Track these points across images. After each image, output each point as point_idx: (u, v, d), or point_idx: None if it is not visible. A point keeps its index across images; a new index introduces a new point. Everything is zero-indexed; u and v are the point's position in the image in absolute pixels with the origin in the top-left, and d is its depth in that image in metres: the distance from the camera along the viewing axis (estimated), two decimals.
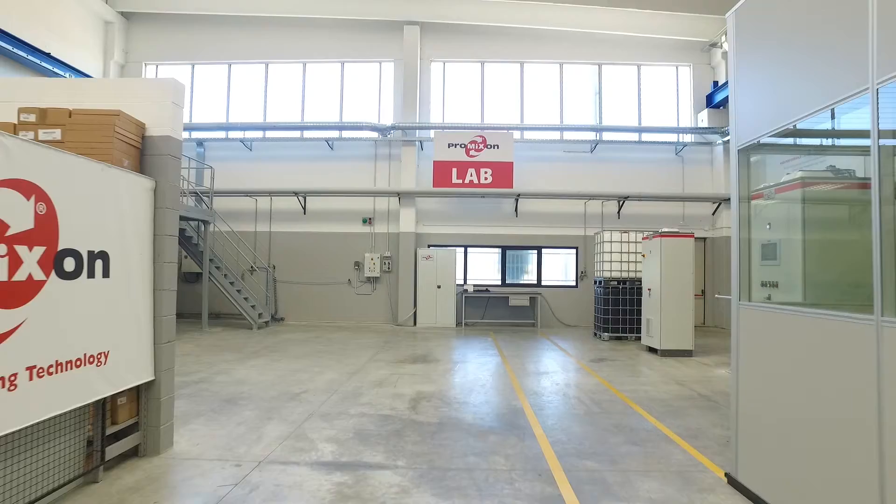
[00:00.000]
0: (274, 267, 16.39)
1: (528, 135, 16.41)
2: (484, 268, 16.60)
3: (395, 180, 16.32)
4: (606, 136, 16.32)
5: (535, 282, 16.43)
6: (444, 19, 16.14)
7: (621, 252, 12.90)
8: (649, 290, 10.86)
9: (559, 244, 16.32)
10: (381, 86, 16.80)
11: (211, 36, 16.81)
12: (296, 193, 16.01)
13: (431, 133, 16.07)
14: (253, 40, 16.75)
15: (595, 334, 13.42)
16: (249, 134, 16.44)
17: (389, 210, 16.40)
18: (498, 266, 16.56)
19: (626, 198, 15.82)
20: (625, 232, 13.07)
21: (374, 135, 16.14)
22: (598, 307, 13.15)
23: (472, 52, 16.64)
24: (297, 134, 16.48)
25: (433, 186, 15.73)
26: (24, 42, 12.94)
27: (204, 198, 14.61)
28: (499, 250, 16.52)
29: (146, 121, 4.69)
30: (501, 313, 16.05)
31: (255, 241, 16.45)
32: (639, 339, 12.39)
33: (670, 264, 10.35)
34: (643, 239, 11.35)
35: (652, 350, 10.84)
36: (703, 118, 15.97)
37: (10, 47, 12.57)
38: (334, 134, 16.38)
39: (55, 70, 13.73)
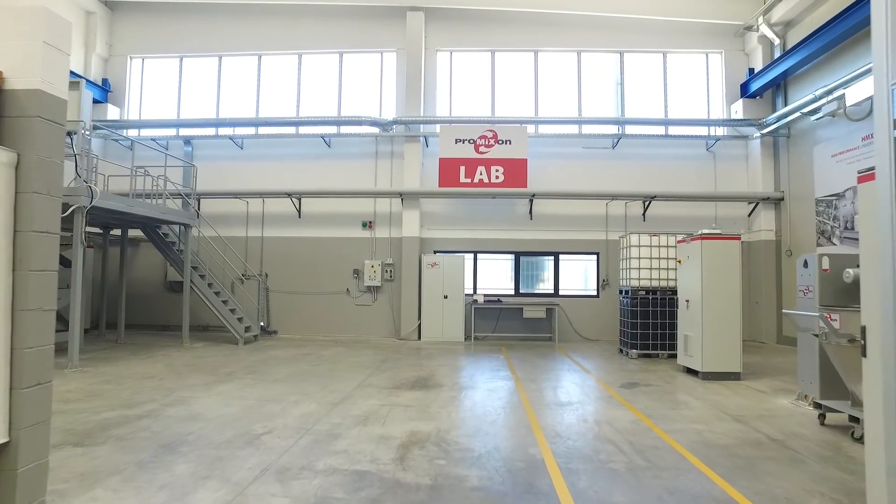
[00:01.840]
0: (266, 275, 15.07)
1: (544, 129, 14.97)
2: (495, 276, 15.13)
3: (397, 180, 14.95)
4: (630, 129, 14.85)
5: (552, 291, 14.93)
6: (451, 4, 14.79)
7: (650, 258, 11.38)
8: (687, 301, 9.34)
9: (578, 249, 14.83)
10: (383, 78, 15.47)
11: (200, 26, 15.61)
12: (289, 195, 14.70)
13: (437, 128, 14.69)
14: (245, 30, 15.51)
15: (621, 350, 11.88)
16: (241, 131, 15.19)
17: (391, 213, 15.02)
18: (511, 274, 15.08)
19: (653, 198, 14.30)
20: (654, 235, 11.56)
21: (375, 130, 14.80)
22: (624, 320, 11.62)
23: (482, 41, 15.26)
24: (291, 130, 15.19)
25: (439, 186, 14.35)
26: None
27: (188, 199, 13.31)
28: (512, 256, 15.05)
29: (3, 67, 3.33)
30: (515, 326, 14.56)
31: (245, 248, 15.15)
32: (673, 357, 10.84)
33: (713, 271, 8.82)
34: (678, 242, 9.83)
35: (691, 372, 9.30)
36: (738, 109, 14.43)
37: None
38: (332, 130, 15.05)
39: None
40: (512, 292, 14.99)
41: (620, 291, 12.15)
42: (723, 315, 8.74)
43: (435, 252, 14.86)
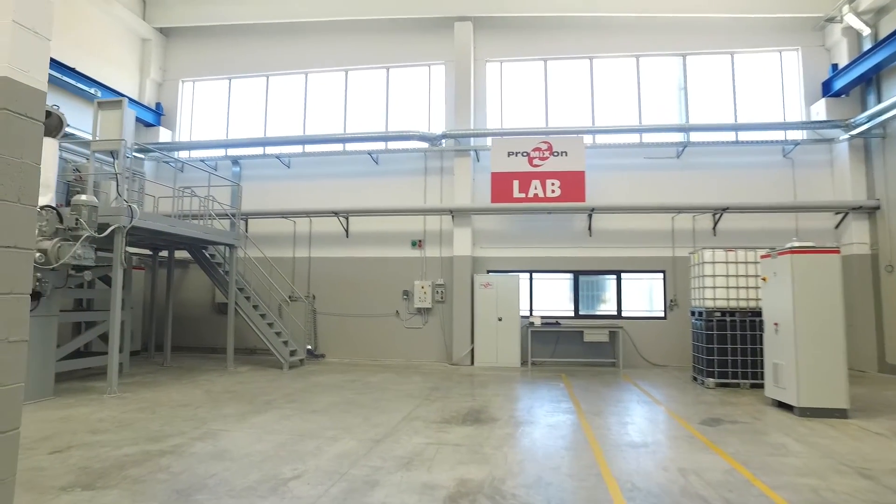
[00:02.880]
0: (314, 297, 14.63)
1: (601, 139, 14.03)
2: (553, 297, 14.15)
3: (447, 196, 14.30)
4: (695, 137, 13.71)
5: (615, 313, 13.82)
6: (501, 12, 14.17)
7: (726, 275, 10.20)
8: (776, 324, 8.16)
9: (642, 267, 13.70)
10: (431, 91, 14.95)
11: (248, 48, 15.59)
12: (336, 214, 14.27)
13: (488, 141, 14.00)
14: (291, 49, 15.39)
15: (694, 379, 10.68)
16: (288, 149, 14.94)
17: (442, 231, 14.35)
18: (570, 294, 14.08)
19: (724, 210, 13.06)
20: (730, 250, 10.39)
21: (424, 145, 14.24)
22: (698, 345, 10.45)
23: (533, 49, 14.54)
24: (338, 148, 14.83)
25: (491, 202, 13.60)
26: (52, 59, 12.00)
27: (234, 220, 13.07)
28: (570, 276, 14.06)
29: None
30: (575, 350, 13.51)
31: (293, 269, 14.79)
32: (758, 387, 9.57)
33: (807, 290, 7.65)
34: (762, 258, 8.67)
35: (784, 406, 8.07)
36: (819, 110, 13.08)
37: None
38: (379, 146, 14.60)
39: (82, 87, 12.71)
40: (571, 314, 13.97)
41: (692, 313, 10.99)
42: (821, 340, 7.54)
43: (488, 272, 14.06)
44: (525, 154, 13.57)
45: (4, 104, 2.81)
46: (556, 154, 13.50)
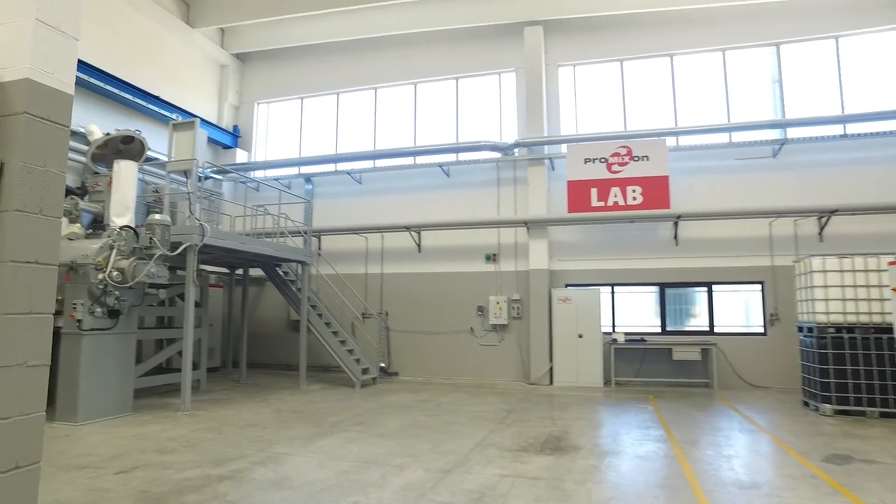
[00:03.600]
0: (386, 313, 14.41)
1: (686, 140, 13.03)
2: (637, 311, 13.19)
3: (521, 207, 13.73)
4: (793, 133, 12.42)
5: (707, 328, 12.66)
6: (572, 13, 13.52)
7: (842, 286, 8.97)
8: None
9: (737, 278, 12.49)
10: (502, 100, 14.50)
11: (319, 67, 15.83)
12: (408, 228, 14.03)
13: (563, 148, 13.33)
14: (361, 65, 15.45)
15: (806, 404, 9.43)
16: (358, 165, 14.92)
17: (517, 243, 13.77)
18: (655, 309, 13.06)
19: (832, 212, 11.68)
20: (844, 257, 9.15)
21: (496, 155, 13.78)
22: (810, 364, 9.23)
23: (608, 50, 13.79)
24: (408, 161, 14.63)
25: (568, 212, 12.91)
26: (139, 88, 12.75)
27: (306, 237, 13.09)
28: (655, 289, 13.05)
29: None
30: (662, 369, 12.45)
31: (365, 285, 14.65)
32: (890, 417, 8.28)
33: None
34: (890, 264, 7.50)
35: None
36: None
37: (130, 97, 12.54)
38: (450, 158, 14.27)
39: (165, 113, 13.25)
40: (657, 330, 12.93)
41: (800, 328, 9.77)
42: None
43: (566, 286, 13.30)
44: (603, 160, 12.80)
45: (25, 107, 2.59)
46: (636, 159, 12.63)
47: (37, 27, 2.64)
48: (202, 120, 13.92)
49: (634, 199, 12.55)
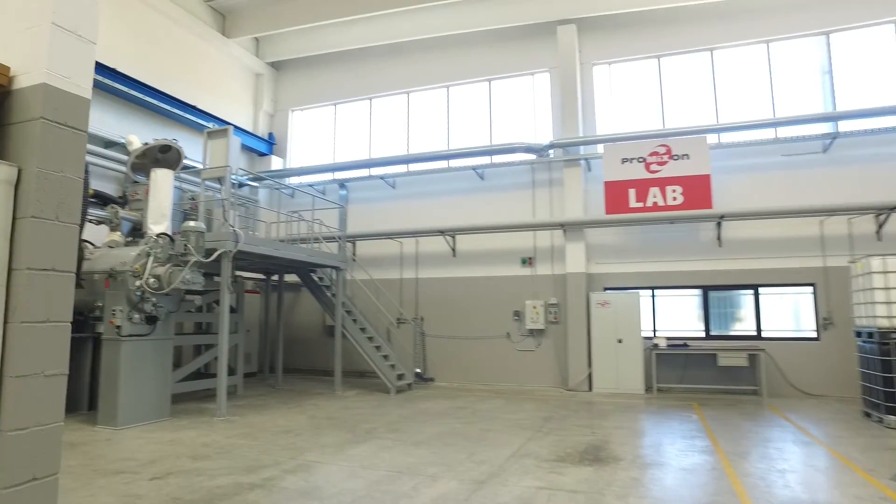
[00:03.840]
0: (422, 319, 14.30)
1: (728, 137, 12.53)
2: (679, 315, 12.72)
3: (557, 210, 13.45)
4: (845, 126, 11.78)
5: (754, 333, 12.11)
6: (606, 10, 13.19)
7: None
8: None
9: (785, 280, 11.92)
10: (535, 101, 14.26)
11: (352, 73, 15.89)
12: (443, 233, 13.89)
13: (599, 148, 13.01)
14: (393, 70, 15.44)
15: (867, 415, 8.85)
16: (392, 170, 14.87)
17: (553, 247, 13.48)
18: (698, 312, 12.57)
19: (893, 209, 11.02)
20: None
21: (531, 157, 13.55)
22: (871, 372, 8.67)
23: (644, 47, 13.41)
24: (442, 165, 14.54)
25: (605, 214, 12.59)
26: (177, 99, 13.01)
27: (340, 242, 13.10)
28: (698, 292, 12.58)
29: (12, 62, 2.59)
30: (706, 376, 11.96)
31: (400, 290, 14.58)
32: None
33: None
34: None
35: None
36: None
37: (168, 107, 12.81)
38: (484, 161, 14.09)
39: (201, 122, 13.47)
40: (701, 334, 12.45)
41: (858, 333, 9.21)
42: None
43: (605, 289, 12.94)
44: (641, 160, 12.42)
45: (41, 113, 2.54)
46: (675, 157, 12.22)
47: (53, 31, 2.60)
48: (237, 128, 14.17)
49: (675, 199, 12.13)
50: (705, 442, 7.22)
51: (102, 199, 9.96)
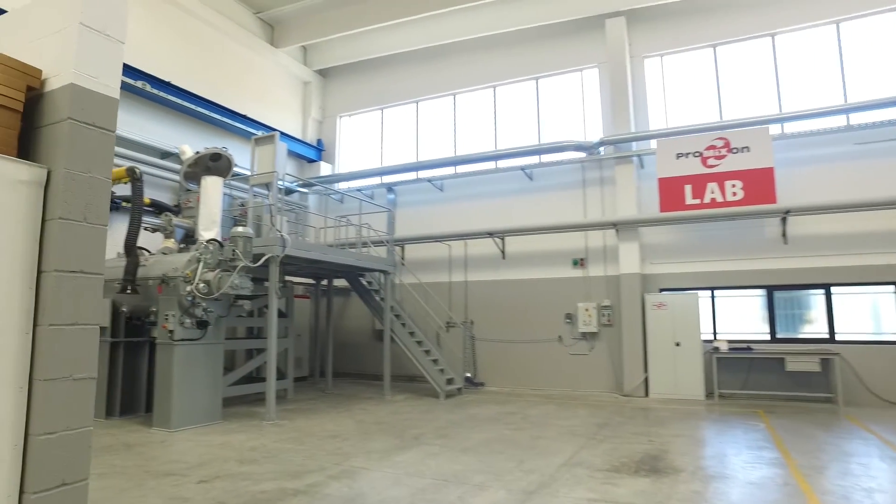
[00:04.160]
0: (472, 322, 14.11)
1: (792, 127, 11.80)
2: (741, 317, 12.05)
3: (609, 209, 13.01)
4: None
5: (827, 335, 11.31)
6: (657, 0, 12.66)
7: None
8: None
9: (862, 279, 11.08)
10: (584, 97, 13.87)
11: (398, 76, 15.92)
12: (491, 235, 13.68)
13: (652, 144, 12.51)
14: (439, 72, 15.38)
15: None
16: (439, 172, 14.77)
17: (606, 247, 13.05)
18: (763, 314, 11.86)
19: None
20: None
21: (580, 155, 13.17)
22: None
23: (697, 36, 12.82)
24: (490, 166, 14.34)
25: (660, 211, 12.07)
26: (228, 109, 13.35)
27: (389, 246, 13.09)
28: (762, 292, 11.87)
29: (44, 65, 2.57)
30: (773, 381, 11.25)
31: (449, 294, 14.45)
32: None
33: None
34: None
35: None
36: None
37: (219, 117, 13.16)
38: (532, 160, 13.80)
39: (251, 130, 13.75)
40: (766, 337, 11.73)
41: None
42: None
43: (661, 290, 12.41)
44: (697, 154, 11.85)
45: (69, 113, 2.51)
46: (735, 151, 11.59)
47: (81, 31, 2.58)
48: (285, 135, 14.43)
49: (734, 194, 11.50)
50: (774, 453, 6.71)
51: (158, 208, 10.28)
